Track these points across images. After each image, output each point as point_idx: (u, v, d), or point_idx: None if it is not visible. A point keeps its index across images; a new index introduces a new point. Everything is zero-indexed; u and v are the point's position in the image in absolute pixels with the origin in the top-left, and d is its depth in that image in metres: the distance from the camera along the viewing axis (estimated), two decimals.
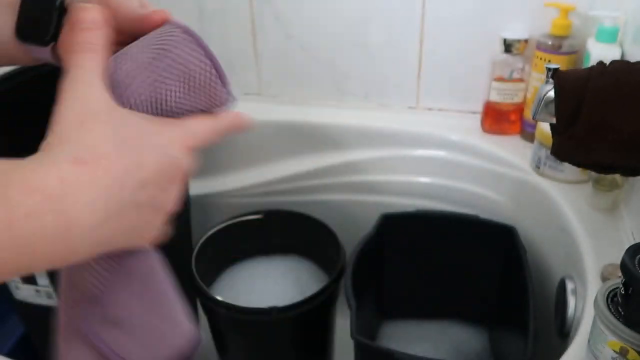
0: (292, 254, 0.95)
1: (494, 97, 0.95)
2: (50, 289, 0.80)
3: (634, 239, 0.71)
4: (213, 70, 0.37)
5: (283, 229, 0.92)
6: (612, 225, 0.75)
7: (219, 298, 0.72)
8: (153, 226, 0.39)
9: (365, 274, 0.84)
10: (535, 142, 0.86)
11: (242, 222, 0.91)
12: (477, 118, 1.00)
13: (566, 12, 0.86)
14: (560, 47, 0.86)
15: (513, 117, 0.96)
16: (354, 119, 1.03)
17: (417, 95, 1.04)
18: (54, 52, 0.42)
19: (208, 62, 0.37)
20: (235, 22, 1.04)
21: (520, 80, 0.93)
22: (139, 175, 0.35)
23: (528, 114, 0.94)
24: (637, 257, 0.44)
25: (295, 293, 0.87)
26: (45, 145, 0.33)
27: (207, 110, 0.39)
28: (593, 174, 0.77)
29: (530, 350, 0.65)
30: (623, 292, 0.45)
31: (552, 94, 0.62)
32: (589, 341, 0.51)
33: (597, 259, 0.68)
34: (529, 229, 0.87)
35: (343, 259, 0.81)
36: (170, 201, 0.40)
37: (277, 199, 1.09)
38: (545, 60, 0.88)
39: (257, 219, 0.90)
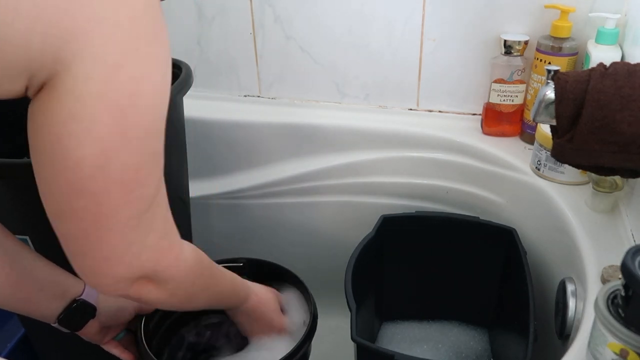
0: None
1: (494, 99, 0.95)
2: None
3: (634, 240, 0.71)
4: None
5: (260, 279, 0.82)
6: (612, 227, 0.75)
7: None
8: None
9: (365, 275, 0.84)
10: (535, 143, 0.86)
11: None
12: (477, 120, 1.01)
13: (566, 13, 0.86)
14: (560, 48, 0.87)
15: (513, 118, 0.96)
16: (354, 120, 1.03)
17: (417, 96, 1.04)
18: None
19: None
20: (235, 23, 1.04)
21: (521, 82, 0.93)
22: None
23: (528, 116, 0.94)
24: (638, 258, 0.44)
25: None
26: None
27: None
28: (593, 175, 0.77)
29: (530, 351, 0.65)
30: (623, 294, 0.45)
31: (552, 95, 0.62)
32: (589, 343, 0.51)
33: (597, 260, 0.68)
34: (529, 230, 0.87)
35: (314, 319, 0.74)
36: None
37: (277, 200, 1.09)
38: (545, 62, 0.88)
39: (237, 266, 0.84)
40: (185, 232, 0.98)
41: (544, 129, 0.82)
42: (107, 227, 0.44)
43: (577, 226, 0.75)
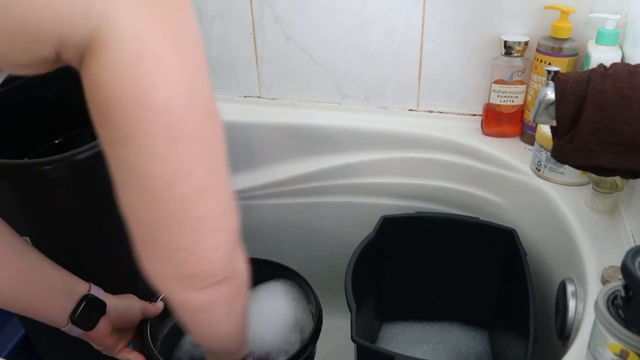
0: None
1: (494, 100, 0.95)
2: None
3: (634, 241, 0.71)
4: None
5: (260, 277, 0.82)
6: (613, 228, 0.75)
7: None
8: None
9: (365, 276, 0.84)
10: (536, 144, 0.86)
11: None
12: (478, 120, 1.01)
13: (566, 14, 0.86)
14: (560, 49, 0.87)
15: (513, 119, 0.96)
16: (354, 121, 1.03)
17: (418, 97, 1.04)
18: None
19: None
20: (236, 24, 1.04)
21: (521, 82, 0.93)
22: None
23: (528, 116, 0.94)
24: (638, 259, 0.44)
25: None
26: None
27: None
28: (593, 176, 0.77)
29: (530, 352, 0.65)
30: (623, 295, 0.45)
31: (552, 96, 0.63)
32: (589, 344, 0.51)
33: (598, 261, 0.68)
34: (529, 231, 0.87)
35: (319, 320, 0.74)
36: None
37: (277, 201, 1.09)
38: (545, 62, 0.88)
39: None
40: None
41: (544, 130, 0.82)
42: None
43: (577, 227, 0.75)
